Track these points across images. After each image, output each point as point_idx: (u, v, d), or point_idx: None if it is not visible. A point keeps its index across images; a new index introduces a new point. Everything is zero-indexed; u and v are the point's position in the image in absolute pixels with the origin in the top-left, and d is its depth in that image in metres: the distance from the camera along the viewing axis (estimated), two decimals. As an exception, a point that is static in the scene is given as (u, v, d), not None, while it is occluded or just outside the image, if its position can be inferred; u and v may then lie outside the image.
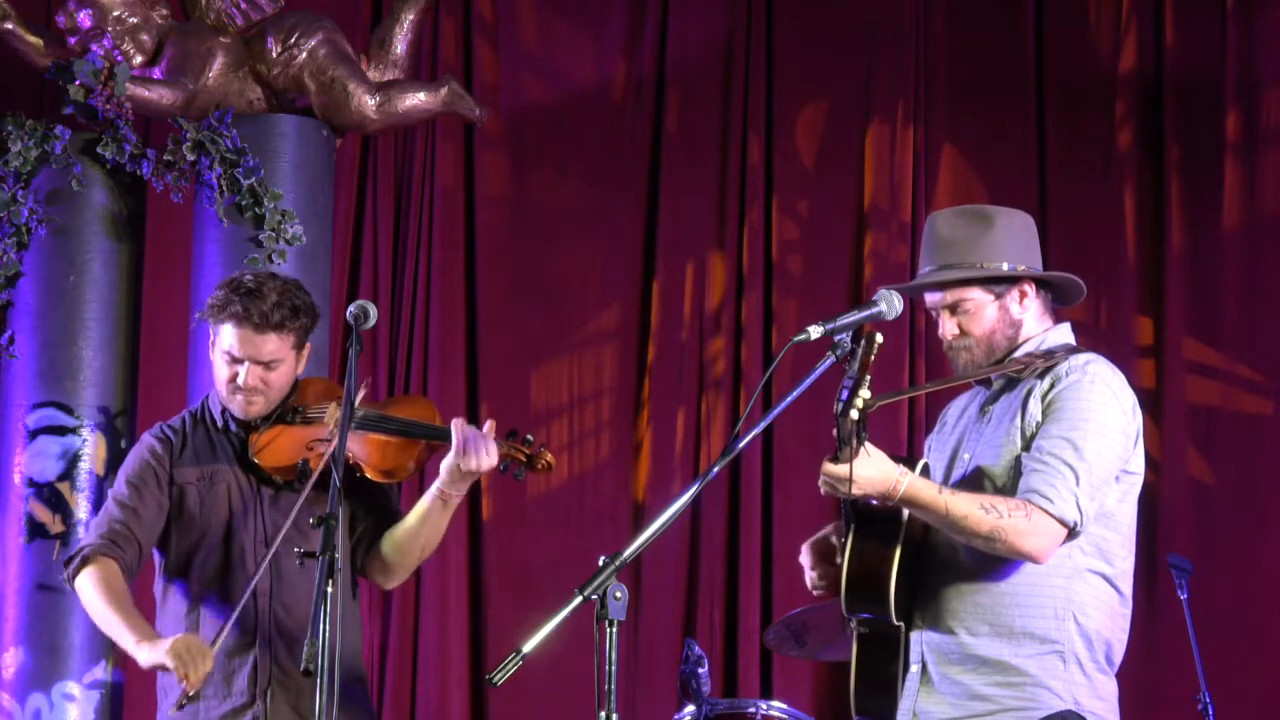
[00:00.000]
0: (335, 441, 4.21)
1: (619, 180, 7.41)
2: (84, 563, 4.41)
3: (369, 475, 4.44)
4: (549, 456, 4.43)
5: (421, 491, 4.48)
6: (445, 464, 4.38)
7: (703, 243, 7.36)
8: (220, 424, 4.53)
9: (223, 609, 4.39)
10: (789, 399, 3.71)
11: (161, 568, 4.54)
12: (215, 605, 4.42)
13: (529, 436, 4.46)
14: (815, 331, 3.72)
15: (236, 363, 4.44)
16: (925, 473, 3.97)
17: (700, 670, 5.37)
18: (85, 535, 4.54)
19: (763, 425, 3.79)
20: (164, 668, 4.28)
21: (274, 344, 4.43)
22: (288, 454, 4.45)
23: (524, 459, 4.41)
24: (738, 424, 6.86)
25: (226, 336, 4.43)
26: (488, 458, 4.35)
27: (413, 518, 4.48)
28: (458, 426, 4.37)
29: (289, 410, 4.51)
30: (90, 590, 4.40)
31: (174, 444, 4.52)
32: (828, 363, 3.72)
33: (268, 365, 4.43)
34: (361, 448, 4.42)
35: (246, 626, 4.39)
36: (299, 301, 4.47)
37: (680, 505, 3.60)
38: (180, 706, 4.33)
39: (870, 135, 7.36)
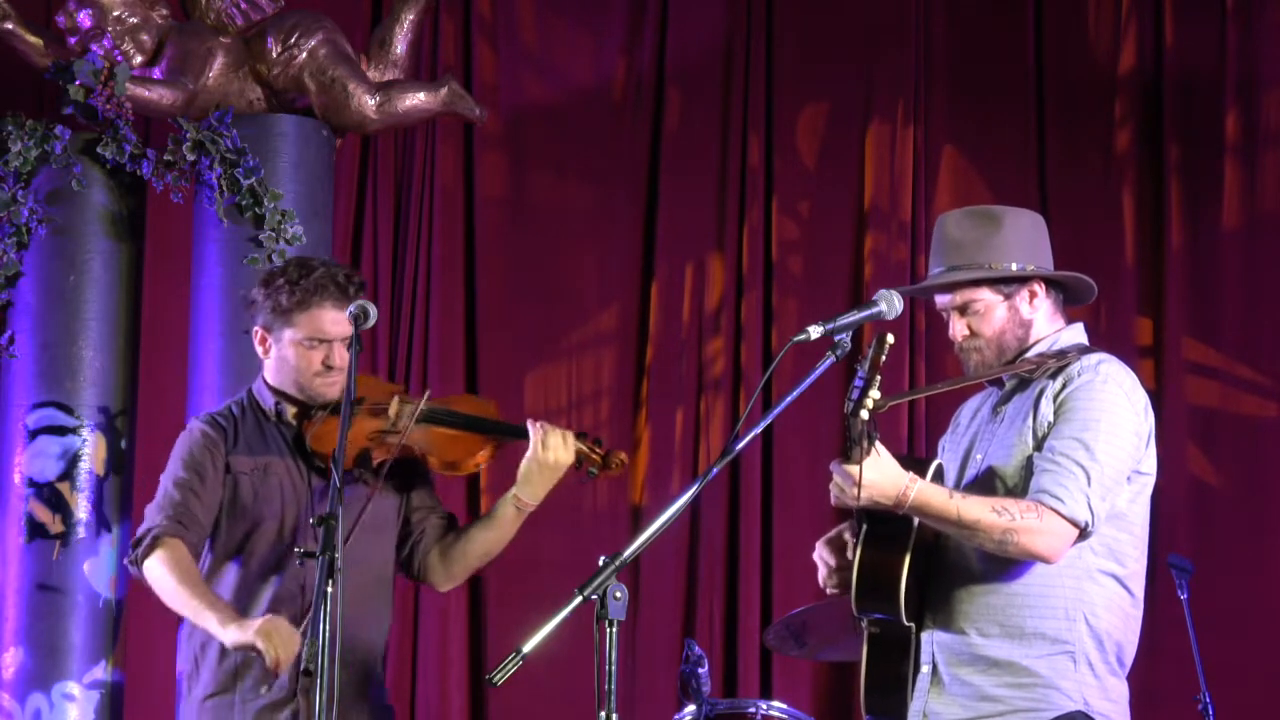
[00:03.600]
0: (371, 436, 4.31)
1: (619, 180, 7.41)
2: (154, 544, 4.35)
3: (431, 465, 4.50)
4: (621, 455, 4.52)
5: (478, 499, 4.52)
6: (523, 466, 4.45)
7: (702, 243, 7.36)
8: (273, 414, 4.52)
9: (271, 599, 4.37)
10: (789, 399, 3.70)
11: (208, 555, 4.49)
12: (264, 595, 4.39)
13: (598, 439, 4.55)
14: (815, 331, 3.72)
15: (323, 344, 4.44)
16: (939, 474, 3.97)
17: (700, 670, 5.37)
18: (146, 519, 4.43)
19: (763, 425, 3.78)
20: (252, 649, 4.22)
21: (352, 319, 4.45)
22: (348, 444, 4.43)
23: (599, 458, 4.49)
24: (737, 424, 6.86)
25: (315, 320, 4.42)
26: (565, 450, 4.42)
27: (482, 524, 4.54)
28: (534, 422, 4.45)
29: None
30: (162, 571, 4.33)
31: (227, 432, 4.49)
32: (828, 363, 3.72)
33: (346, 342, 4.44)
34: (426, 439, 4.46)
35: (295, 619, 4.33)
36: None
37: (680, 505, 3.60)
38: (266, 686, 4.30)
39: (870, 135, 7.37)
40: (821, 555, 4.10)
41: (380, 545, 4.51)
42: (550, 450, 4.42)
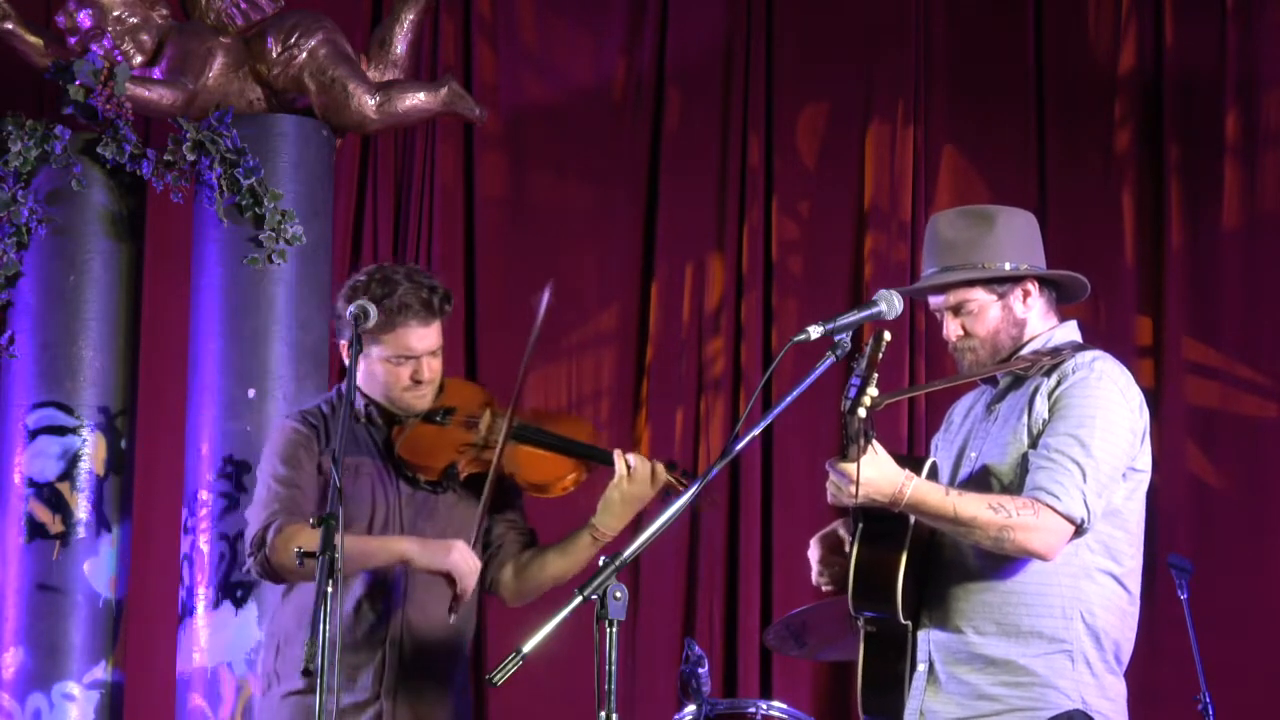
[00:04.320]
0: (492, 447, 4.29)
1: (619, 180, 7.41)
2: (280, 532, 4.28)
3: (519, 484, 4.44)
4: (712, 495, 4.43)
5: (559, 524, 4.49)
6: (606, 495, 4.39)
7: (702, 243, 7.36)
8: (364, 415, 4.47)
9: (355, 602, 4.33)
10: (789, 399, 3.70)
11: None
12: (348, 598, 4.33)
13: (686, 470, 4.48)
14: (815, 331, 3.72)
15: (411, 360, 4.40)
16: (934, 472, 3.97)
17: (700, 670, 5.37)
18: (253, 517, 4.38)
19: (763, 425, 3.79)
20: (445, 575, 4.22)
21: (438, 330, 4.43)
22: (435, 454, 4.42)
23: (685, 489, 4.36)
24: (737, 424, 6.86)
25: (401, 339, 4.38)
26: (652, 484, 4.37)
27: (557, 550, 4.49)
28: (620, 454, 4.38)
29: (436, 410, 4.47)
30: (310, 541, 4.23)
31: (318, 430, 4.43)
32: (828, 363, 3.72)
33: (434, 354, 4.43)
34: (514, 457, 4.41)
35: (378, 624, 4.32)
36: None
37: (680, 505, 3.61)
38: (452, 611, 4.28)
39: (870, 135, 7.37)
40: (814, 552, 4.11)
41: None
42: (637, 483, 4.37)
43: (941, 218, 4.14)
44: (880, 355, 3.65)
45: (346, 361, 4.44)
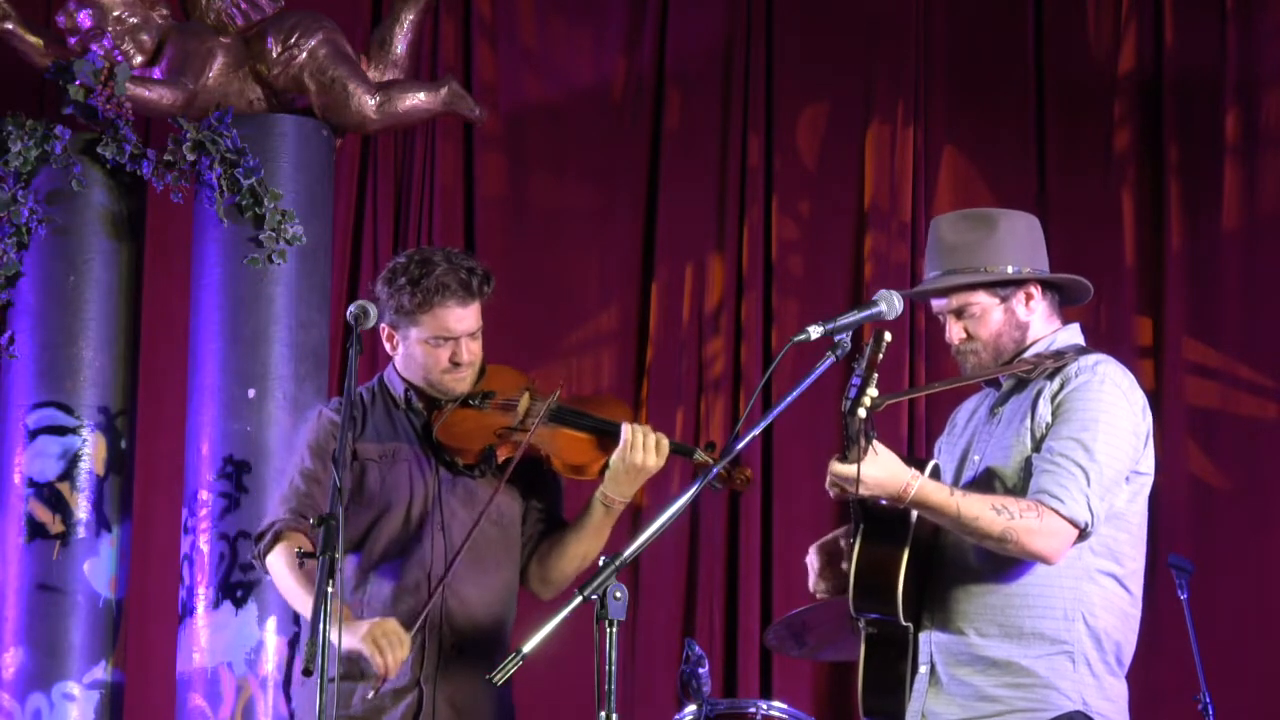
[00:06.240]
0: (522, 433, 4.27)
1: (619, 180, 7.42)
2: (275, 539, 4.30)
3: (555, 467, 4.40)
4: (747, 472, 4.34)
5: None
6: (611, 461, 4.33)
7: (702, 243, 7.36)
8: (403, 401, 4.46)
9: (393, 589, 4.32)
10: (789, 399, 3.71)
11: None
12: (385, 585, 4.33)
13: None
14: (815, 331, 3.73)
15: (449, 342, 4.37)
16: (936, 474, 3.97)
17: (700, 670, 5.37)
18: (271, 509, 4.40)
19: (763, 425, 3.79)
20: (361, 655, 4.16)
21: (477, 311, 4.40)
22: (472, 438, 4.39)
23: (724, 472, 4.24)
24: (737, 424, 6.86)
25: (440, 320, 4.35)
26: (655, 456, 4.31)
27: (573, 530, 4.44)
28: (629, 424, 4.34)
29: (474, 394, 4.44)
30: (282, 568, 4.29)
31: (355, 419, 4.40)
32: (828, 363, 3.73)
33: (473, 336, 4.40)
34: (551, 439, 4.38)
35: (417, 611, 4.28)
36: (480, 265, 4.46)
37: (680, 505, 3.62)
38: (376, 692, 4.23)
39: (870, 135, 7.37)
40: (813, 560, 4.11)
41: (502, 543, 4.44)
42: (638, 452, 4.30)
43: (943, 221, 4.13)
44: (880, 356, 3.65)
45: (388, 347, 4.46)
